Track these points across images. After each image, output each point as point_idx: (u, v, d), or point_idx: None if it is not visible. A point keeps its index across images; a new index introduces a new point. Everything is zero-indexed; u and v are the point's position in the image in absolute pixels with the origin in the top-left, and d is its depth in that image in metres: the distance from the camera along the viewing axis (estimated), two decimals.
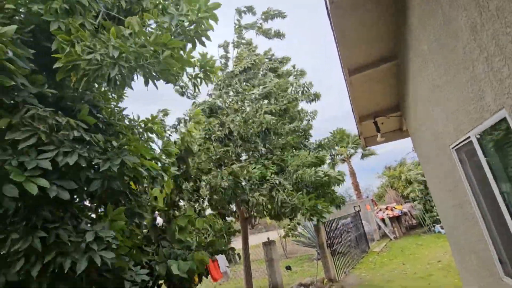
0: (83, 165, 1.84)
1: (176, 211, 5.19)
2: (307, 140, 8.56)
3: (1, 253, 1.67)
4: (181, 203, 5.48)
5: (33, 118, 1.68)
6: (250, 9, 7.86)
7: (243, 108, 6.80)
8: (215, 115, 6.57)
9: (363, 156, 16.73)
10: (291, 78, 8.48)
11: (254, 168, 5.90)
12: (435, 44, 2.16)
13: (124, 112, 2.77)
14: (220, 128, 6.44)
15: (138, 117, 2.98)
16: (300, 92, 8.47)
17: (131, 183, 2.45)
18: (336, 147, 9.33)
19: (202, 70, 2.55)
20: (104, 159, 1.95)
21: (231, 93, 7.06)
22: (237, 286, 9.64)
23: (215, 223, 6.55)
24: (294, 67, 8.72)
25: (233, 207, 7.40)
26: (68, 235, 1.77)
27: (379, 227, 15.11)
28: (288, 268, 7.32)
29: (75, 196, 2.11)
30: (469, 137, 1.96)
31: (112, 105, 2.57)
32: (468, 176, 2.27)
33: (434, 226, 13.42)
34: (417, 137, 3.80)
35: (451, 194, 2.80)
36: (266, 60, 8.22)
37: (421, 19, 2.30)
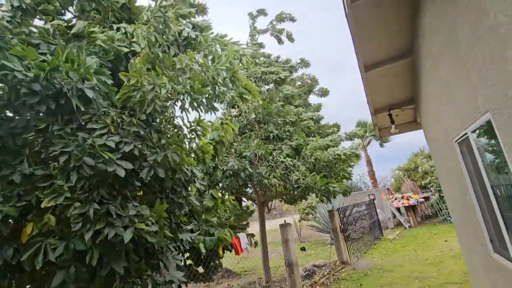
0: (137, 154, 2.30)
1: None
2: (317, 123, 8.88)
3: (67, 215, 2.13)
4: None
5: (106, 115, 2.17)
6: (261, 12, 8.11)
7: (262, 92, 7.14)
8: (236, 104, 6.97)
9: (382, 142, 16.61)
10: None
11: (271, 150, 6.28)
12: (444, 48, 2.38)
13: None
14: (240, 118, 6.83)
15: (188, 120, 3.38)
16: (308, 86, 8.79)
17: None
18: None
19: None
20: (153, 152, 2.41)
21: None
22: (255, 264, 10.29)
23: (234, 206, 7.10)
24: (302, 60, 8.82)
25: (249, 190, 7.89)
26: (115, 211, 2.23)
27: (394, 216, 15.25)
28: (303, 249, 7.79)
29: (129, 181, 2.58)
30: (466, 133, 2.22)
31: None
32: (468, 168, 2.53)
33: (450, 217, 13.43)
34: (429, 130, 4.01)
35: (456, 185, 3.07)
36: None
37: (431, 24, 2.51)
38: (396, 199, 15.35)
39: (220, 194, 6.46)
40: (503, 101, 1.55)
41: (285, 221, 6.90)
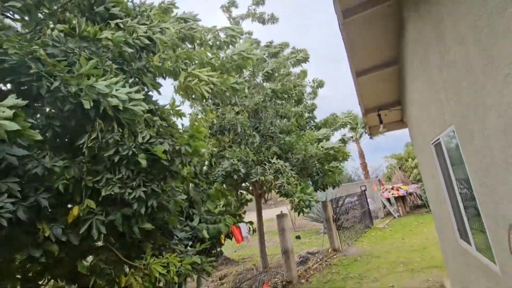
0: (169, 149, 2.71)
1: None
2: (312, 121, 9.17)
3: (125, 197, 2.51)
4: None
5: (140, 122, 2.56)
6: (232, 3, 8.25)
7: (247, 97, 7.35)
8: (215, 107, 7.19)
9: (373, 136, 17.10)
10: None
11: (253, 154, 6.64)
12: (420, 66, 2.76)
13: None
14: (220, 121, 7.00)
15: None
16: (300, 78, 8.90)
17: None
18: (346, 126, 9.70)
19: None
20: (177, 145, 2.79)
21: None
22: (252, 253, 10.81)
23: (231, 196, 7.54)
24: (295, 49, 8.80)
25: (246, 184, 8.28)
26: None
27: (384, 206, 15.94)
28: (298, 237, 8.30)
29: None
30: (439, 138, 2.62)
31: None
32: (441, 167, 2.95)
33: None
34: (412, 130, 4.42)
35: (432, 180, 3.50)
36: (266, 48, 8.53)
37: (412, 42, 2.88)
38: (386, 190, 16.00)
39: (221, 187, 6.87)
40: (463, 118, 1.93)
41: (281, 211, 7.36)
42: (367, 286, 5.63)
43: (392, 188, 15.77)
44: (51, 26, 2.97)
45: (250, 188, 8.33)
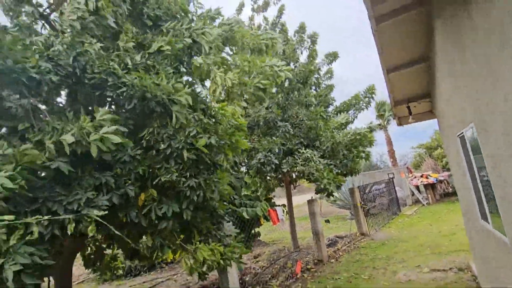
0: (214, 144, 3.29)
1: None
2: (330, 105, 9.10)
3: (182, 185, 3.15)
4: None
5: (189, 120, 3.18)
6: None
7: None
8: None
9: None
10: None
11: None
12: (451, 64, 3.09)
13: None
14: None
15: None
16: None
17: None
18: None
19: None
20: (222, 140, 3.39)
21: None
22: (282, 236, 11.53)
23: (261, 183, 8.19)
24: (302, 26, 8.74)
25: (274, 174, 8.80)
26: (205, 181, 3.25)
27: (413, 194, 15.88)
28: (327, 221, 8.83)
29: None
30: (462, 132, 2.98)
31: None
32: (465, 157, 3.30)
33: None
34: (441, 122, 4.69)
35: (458, 168, 3.83)
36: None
37: (439, 42, 3.19)
38: (415, 177, 15.88)
39: (255, 174, 7.51)
40: (481, 117, 2.32)
41: (312, 197, 7.89)
42: (395, 266, 6.07)
43: (422, 176, 15.62)
44: (124, 39, 3.61)
45: (279, 176, 8.90)
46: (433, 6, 3.14)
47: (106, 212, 2.39)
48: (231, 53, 4.76)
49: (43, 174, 2.62)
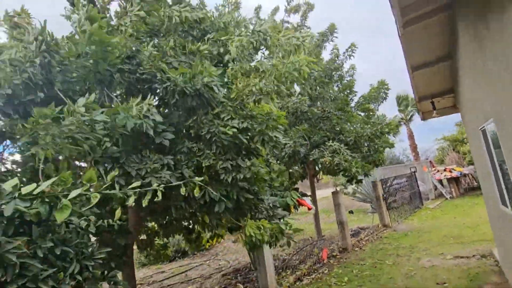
0: (250, 128, 3.76)
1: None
2: (352, 98, 9.38)
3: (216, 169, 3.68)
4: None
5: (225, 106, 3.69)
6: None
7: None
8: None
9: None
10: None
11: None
12: (472, 63, 3.39)
13: None
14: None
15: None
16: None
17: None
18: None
19: None
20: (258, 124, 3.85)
21: None
22: (304, 227, 11.97)
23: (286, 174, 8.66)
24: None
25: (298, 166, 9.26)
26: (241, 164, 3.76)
27: (436, 188, 15.77)
28: (351, 212, 9.23)
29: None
30: (484, 126, 3.30)
31: None
32: (487, 148, 3.61)
33: None
34: (464, 116, 4.93)
35: (480, 159, 4.12)
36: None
37: (462, 42, 3.50)
38: (438, 171, 15.74)
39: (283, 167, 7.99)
40: (499, 114, 2.65)
41: (336, 188, 8.28)
42: (418, 254, 6.38)
43: (445, 170, 15.47)
44: (171, 45, 4.14)
45: (304, 168, 9.33)
46: (456, 11, 3.45)
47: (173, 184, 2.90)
48: (264, 56, 5.22)
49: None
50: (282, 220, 4.40)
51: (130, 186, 2.07)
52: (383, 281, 5.13)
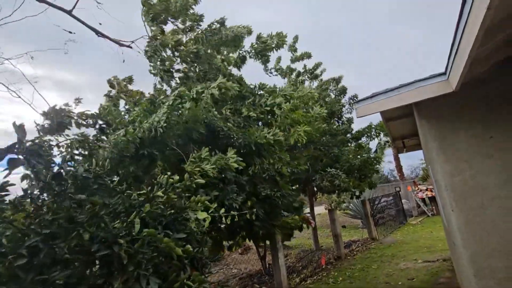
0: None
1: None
2: (350, 132, 11.43)
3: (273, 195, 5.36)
4: None
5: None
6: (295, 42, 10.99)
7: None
8: None
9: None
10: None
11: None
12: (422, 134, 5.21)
13: None
14: None
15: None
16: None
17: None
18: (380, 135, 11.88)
19: None
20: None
21: None
22: (301, 242, 13.43)
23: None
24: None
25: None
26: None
27: (419, 206, 17.56)
28: (344, 226, 10.77)
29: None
30: (429, 166, 5.08)
31: None
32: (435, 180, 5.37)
33: None
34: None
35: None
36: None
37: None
38: (421, 190, 17.60)
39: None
40: (430, 162, 4.41)
41: (331, 205, 9.92)
42: (398, 260, 8.00)
43: (427, 189, 17.34)
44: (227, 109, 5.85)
45: (305, 189, 11.00)
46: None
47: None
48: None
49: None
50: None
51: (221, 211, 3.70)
52: (369, 279, 6.70)
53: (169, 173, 2.69)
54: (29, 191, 1.83)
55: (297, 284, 7.08)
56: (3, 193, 1.84)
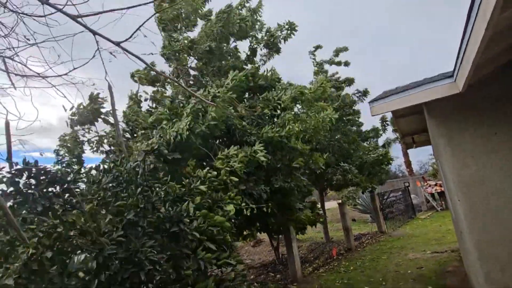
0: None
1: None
2: (360, 128, 11.74)
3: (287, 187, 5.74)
4: None
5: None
6: (318, 47, 11.18)
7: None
8: None
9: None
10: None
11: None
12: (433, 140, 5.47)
13: None
14: None
15: None
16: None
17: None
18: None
19: None
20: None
21: None
22: (311, 235, 13.81)
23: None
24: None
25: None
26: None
27: (428, 201, 17.69)
28: (354, 220, 11.11)
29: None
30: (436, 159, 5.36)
31: None
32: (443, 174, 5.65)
33: None
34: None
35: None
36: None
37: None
38: (430, 186, 17.71)
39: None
40: (438, 156, 4.69)
41: (342, 199, 10.26)
42: (407, 251, 8.30)
43: (436, 184, 17.44)
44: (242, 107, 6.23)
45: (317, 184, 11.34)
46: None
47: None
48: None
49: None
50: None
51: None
52: (379, 268, 7.04)
53: (206, 169, 3.08)
54: (102, 181, 2.23)
55: (310, 272, 7.47)
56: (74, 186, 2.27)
